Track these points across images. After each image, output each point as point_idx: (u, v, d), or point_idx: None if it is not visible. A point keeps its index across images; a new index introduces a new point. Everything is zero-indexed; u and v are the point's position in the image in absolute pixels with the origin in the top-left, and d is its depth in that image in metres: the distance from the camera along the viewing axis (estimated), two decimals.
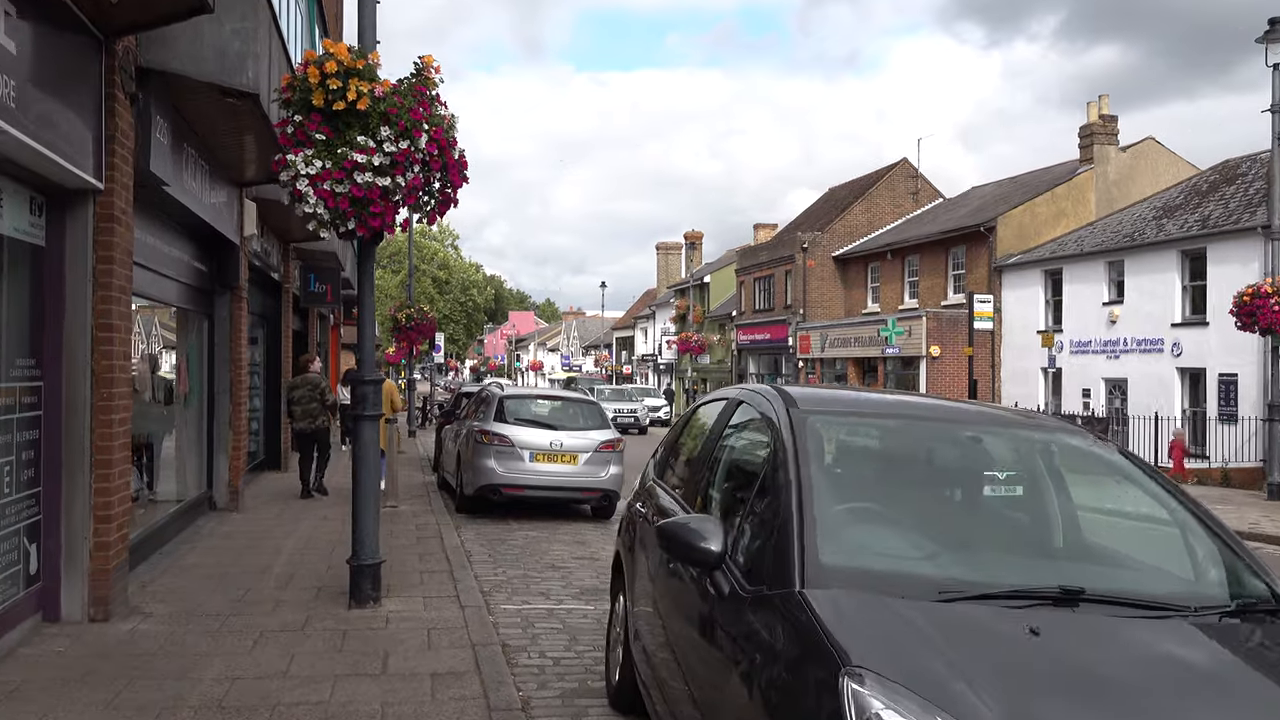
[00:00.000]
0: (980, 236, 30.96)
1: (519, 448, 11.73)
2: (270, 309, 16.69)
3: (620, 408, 35.40)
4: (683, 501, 4.29)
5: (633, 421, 35.89)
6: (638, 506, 5.00)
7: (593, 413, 12.61)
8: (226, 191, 10.60)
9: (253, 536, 9.89)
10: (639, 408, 37.76)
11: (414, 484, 15.52)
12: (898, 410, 4.13)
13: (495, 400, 12.38)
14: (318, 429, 13.01)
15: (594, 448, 11.93)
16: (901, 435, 3.84)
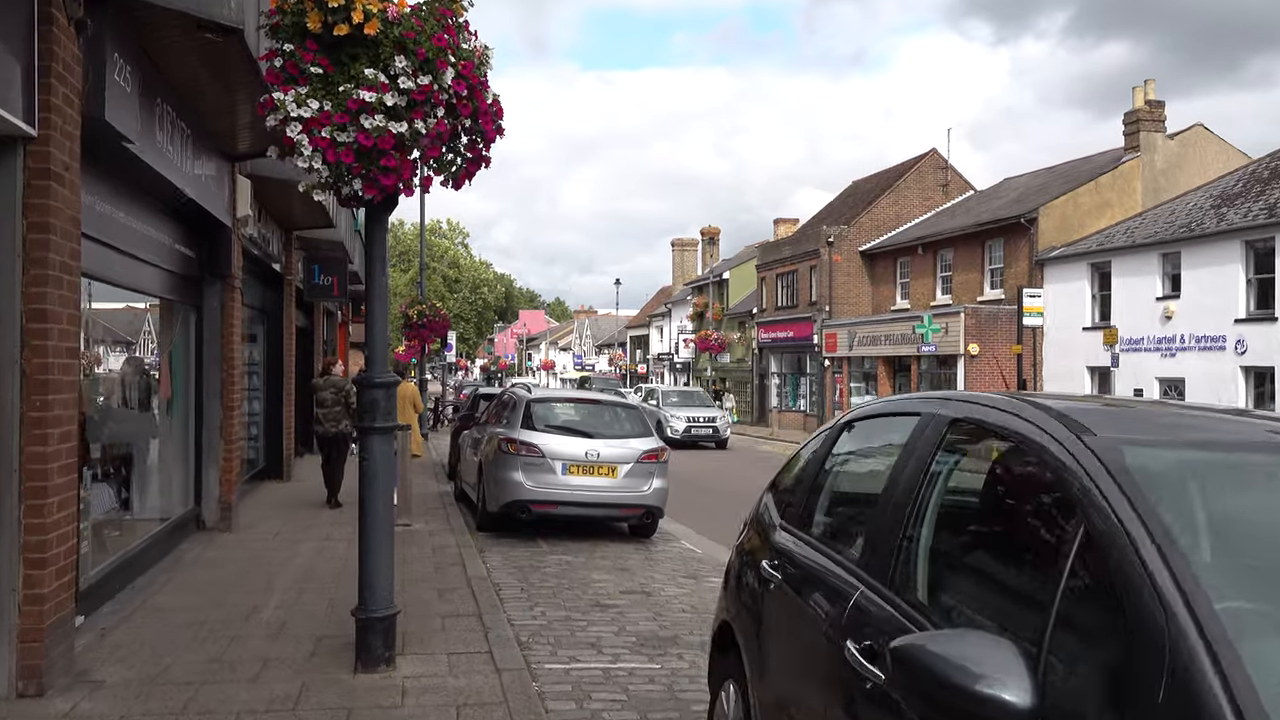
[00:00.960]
0: (1020, 229, 29.41)
1: (550, 459, 10.27)
2: (271, 303, 15.29)
3: (695, 415, 28.76)
4: (869, 577, 2.80)
5: (710, 433, 28.58)
6: (767, 566, 3.52)
7: (632, 418, 11.15)
8: (215, 164, 9.18)
9: (244, 564, 8.46)
10: (718, 416, 29.64)
11: (428, 495, 14.07)
12: None
13: (522, 404, 10.92)
14: (341, 433, 12.35)
15: (635, 458, 10.47)
16: None
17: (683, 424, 28.08)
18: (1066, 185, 30.42)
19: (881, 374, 33.39)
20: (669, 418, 28.02)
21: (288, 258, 15.26)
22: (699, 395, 32.97)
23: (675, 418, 28.25)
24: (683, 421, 28.14)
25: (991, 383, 28.53)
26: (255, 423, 14.98)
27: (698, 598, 8.02)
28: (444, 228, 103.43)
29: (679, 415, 28.45)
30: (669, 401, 30.35)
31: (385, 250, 5.63)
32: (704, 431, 28.47)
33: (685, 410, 29.18)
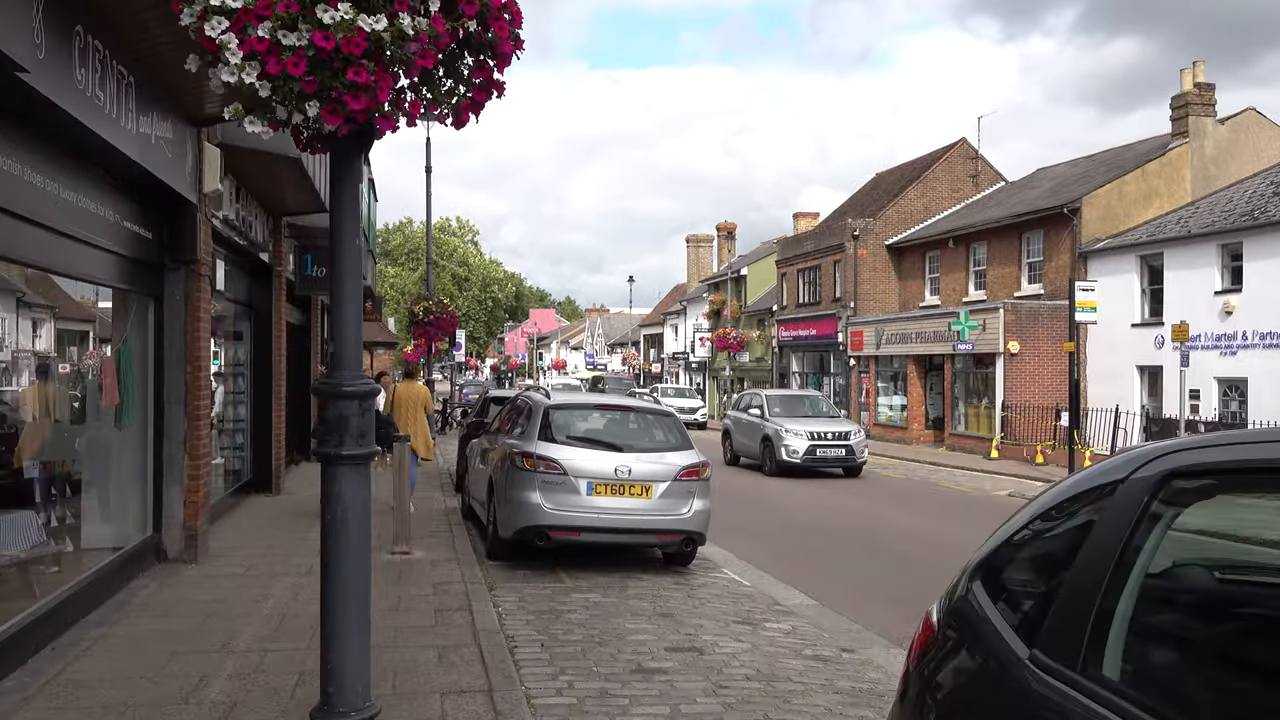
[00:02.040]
0: (1060, 220, 27.72)
1: (573, 476, 8.70)
2: (259, 297, 13.78)
3: (819, 430, 20.77)
4: None
5: (842, 454, 20.75)
6: None
7: (669, 427, 9.56)
8: (172, 126, 7.64)
9: (203, 609, 6.93)
10: (852, 431, 21.63)
11: (432, 511, 12.53)
12: None
13: (539, 411, 9.34)
14: None
15: (673, 475, 8.89)
16: None
17: (803, 442, 20.22)
18: (1110, 174, 28.73)
19: (911, 373, 31.75)
20: (782, 434, 20.43)
21: (277, 247, 13.74)
22: (815, 401, 24.11)
23: (792, 433, 20.35)
24: (803, 439, 20.25)
25: (1035, 383, 26.88)
26: (241, 430, 13.47)
27: (761, 657, 6.46)
28: (453, 225, 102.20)
29: (797, 430, 20.40)
30: (777, 410, 21.92)
31: (358, 210, 4.07)
32: (833, 452, 20.43)
33: (804, 422, 21.02)
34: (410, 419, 13.22)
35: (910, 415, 31.77)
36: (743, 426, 22.77)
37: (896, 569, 10.34)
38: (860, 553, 11.37)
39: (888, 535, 12.62)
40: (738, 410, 23.94)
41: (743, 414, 23.20)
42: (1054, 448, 24.76)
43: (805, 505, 15.42)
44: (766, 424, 21.29)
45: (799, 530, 12.90)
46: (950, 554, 11.16)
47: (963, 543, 12.58)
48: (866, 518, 14.49)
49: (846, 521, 13.86)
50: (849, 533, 12.75)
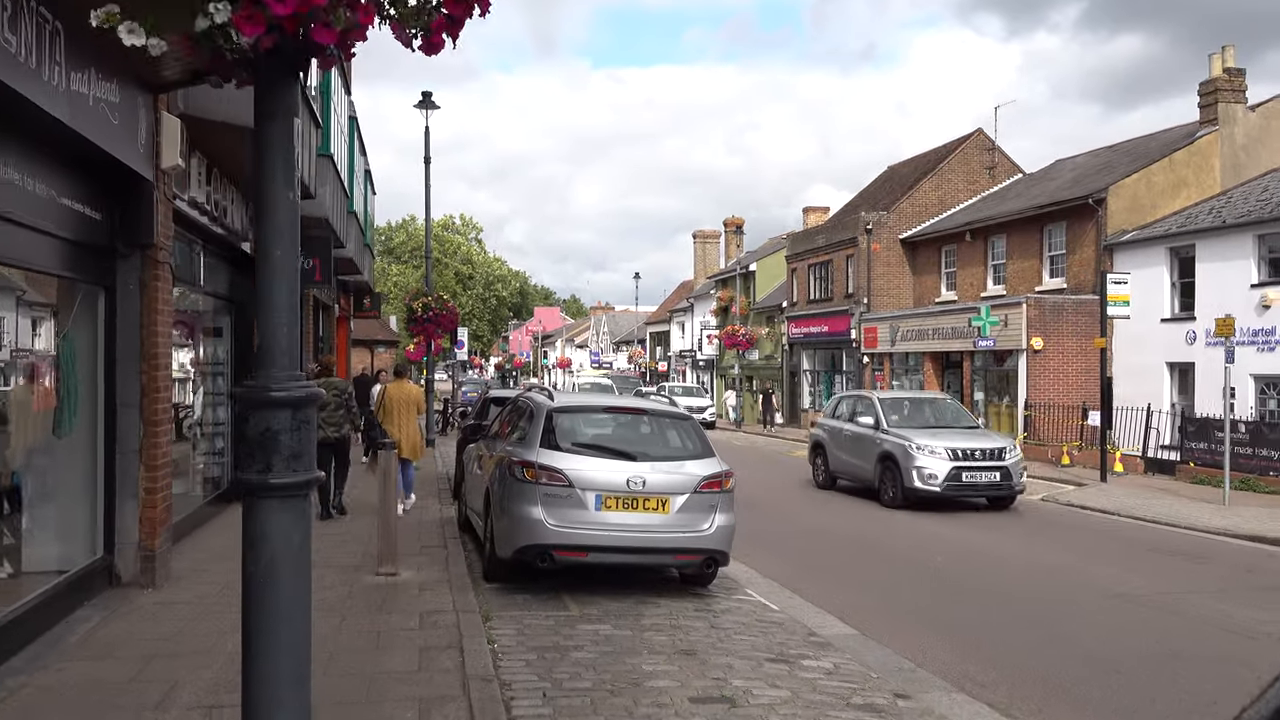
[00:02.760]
0: (1083, 211, 26.64)
1: (580, 489, 7.68)
2: (240, 290, 12.79)
3: (965, 447, 15.19)
4: None
5: (997, 479, 15.09)
6: None
7: (686, 431, 8.52)
8: (118, 88, 6.64)
9: (147, 651, 5.93)
10: (1007, 447, 15.86)
11: (425, 523, 11.54)
12: None
13: (541, 414, 8.32)
14: (342, 438, 11.80)
15: (692, 487, 7.87)
16: None
17: (944, 463, 14.70)
18: (1135, 163, 27.64)
19: (928, 371, 30.69)
20: (913, 451, 14.86)
21: None
22: (943, 407, 17.66)
23: (927, 451, 14.80)
24: (943, 459, 14.72)
25: (1058, 380, 25.82)
26: (222, 434, 12.49)
27: (804, 708, 5.44)
28: (457, 223, 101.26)
29: (934, 447, 14.81)
30: (896, 418, 16.19)
31: (290, 156, 3.06)
32: (984, 476, 14.96)
33: (939, 436, 15.28)
34: (401, 420, 12.51)
35: None
36: (845, 440, 16.95)
37: (934, 586, 9.32)
38: (883, 562, 10.35)
39: (931, 546, 11.61)
40: (835, 418, 18.06)
41: (845, 423, 17.27)
42: (1080, 448, 23.71)
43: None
44: (884, 437, 15.55)
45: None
46: (990, 569, 10.25)
47: (999, 554, 11.83)
48: (898, 527, 13.44)
49: (870, 528, 12.83)
50: (858, 539, 11.73)
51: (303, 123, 10.36)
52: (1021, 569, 10.39)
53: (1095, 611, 8.40)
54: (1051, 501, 16.45)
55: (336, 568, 8.57)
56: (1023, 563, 10.74)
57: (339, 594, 7.52)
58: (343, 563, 8.87)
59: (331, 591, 7.59)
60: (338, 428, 11.62)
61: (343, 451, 11.95)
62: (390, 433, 12.11)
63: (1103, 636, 7.53)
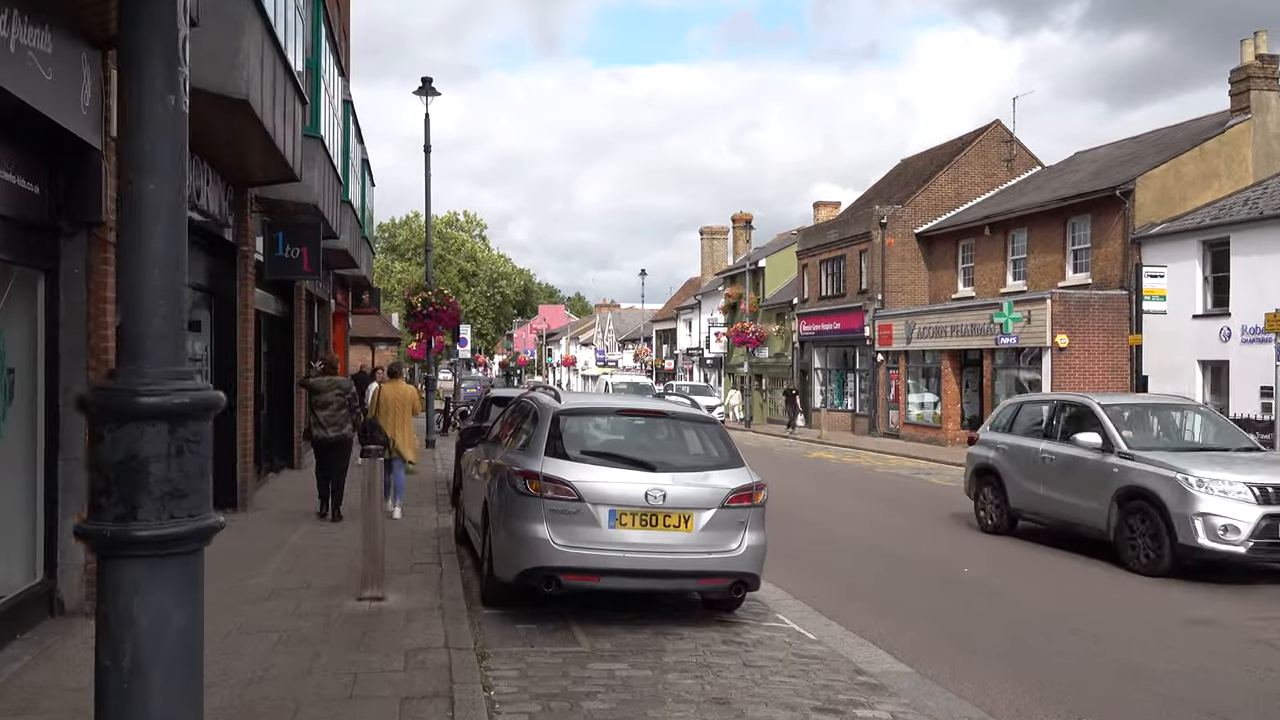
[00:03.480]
0: (1110, 203, 25.60)
1: (591, 504, 6.70)
2: (220, 281, 11.84)
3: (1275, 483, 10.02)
4: None
5: None
6: None
7: (712, 437, 7.52)
8: (52, 38, 5.68)
9: (75, 707, 4.96)
10: None
11: (419, 535, 10.57)
12: None
13: (547, 417, 7.33)
14: (343, 438, 11.46)
15: (720, 500, 6.88)
16: None
17: (1251, 509, 9.64)
18: (1162, 154, 26.59)
19: (946, 370, 29.67)
20: (1195, 488, 9.81)
21: (242, 223, 11.80)
22: (1203, 417, 12.75)
23: (1219, 490, 9.77)
24: (1248, 502, 9.67)
25: (1085, 379, 24.78)
26: None
27: None
28: (461, 220, 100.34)
29: (1230, 483, 9.80)
30: (1134, 436, 11.19)
31: (172, 46, 2.06)
32: None
33: (1231, 467, 10.18)
34: (397, 421, 11.91)
35: (945, 414, 29.70)
36: (1041, 465, 11.94)
37: (993, 612, 8.34)
38: (939, 587, 9.36)
39: (959, 558, 10.61)
40: (1016, 432, 12.99)
41: (1037, 441, 12.32)
42: None
43: None
44: (1128, 465, 10.57)
45: None
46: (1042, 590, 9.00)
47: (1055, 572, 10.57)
48: (925, 537, 12.44)
49: (897, 539, 11.84)
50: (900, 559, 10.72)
51: (281, 89, 9.39)
52: (1066, 584, 9.40)
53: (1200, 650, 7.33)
54: None
55: (316, 590, 7.60)
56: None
57: (314, 624, 6.55)
58: (324, 582, 7.91)
59: (306, 621, 6.62)
60: (339, 427, 11.33)
61: (344, 452, 11.53)
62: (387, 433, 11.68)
63: None
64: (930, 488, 18.49)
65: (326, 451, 11.43)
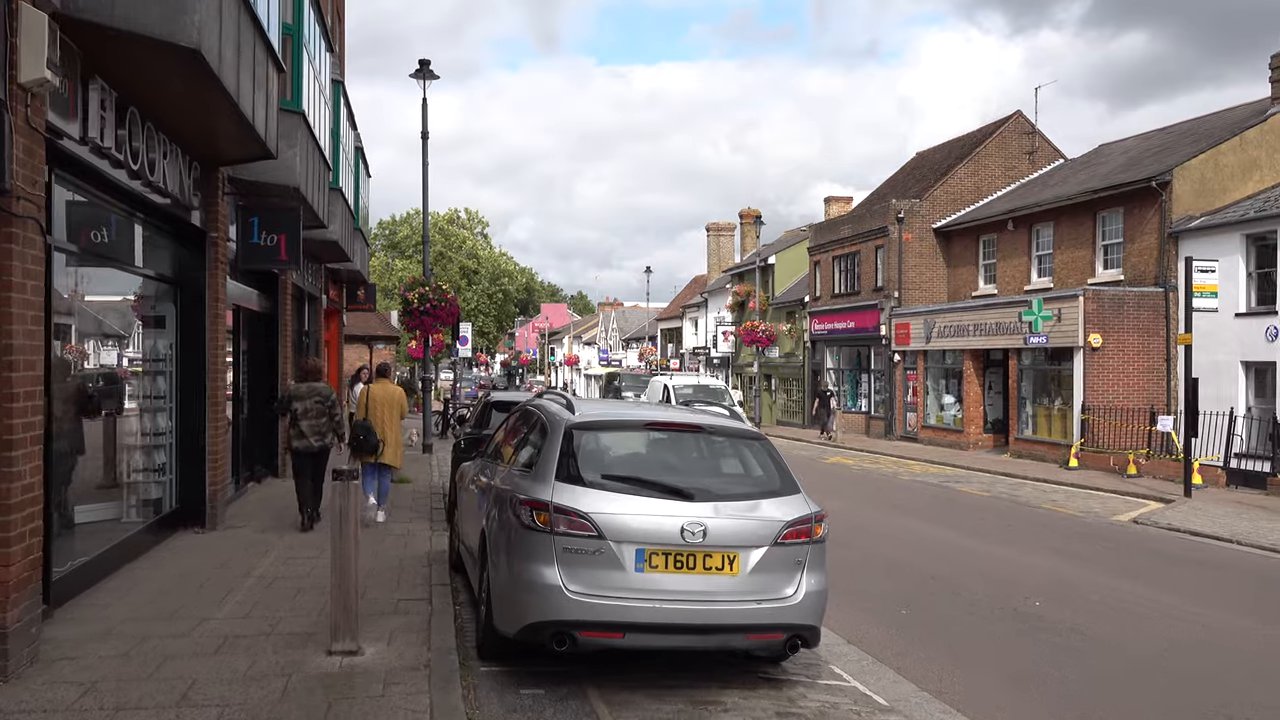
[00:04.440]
0: (1145, 196, 24.25)
1: (614, 541, 5.39)
2: (188, 271, 10.53)
3: None
4: None
5: None
6: None
7: (758, 456, 6.17)
8: None
9: None
10: None
11: (410, 557, 9.27)
12: None
13: (557, 431, 5.98)
14: (324, 448, 10.95)
15: (772, 536, 5.57)
16: None
17: None
18: (1197, 144, 25.23)
19: (968, 371, 28.32)
20: None
21: (212, 206, 10.49)
22: None
23: None
24: None
25: (1119, 381, 23.44)
26: (163, 446, 10.22)
27: None
28: (462, 217, 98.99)
29: None
30: None
31: None
32: None
33: None
34: (383, 423, 11.38)
35: (967, 417, 28.36)
36: None
37: (1082, 661, 7.02)
38: (1011, 623, 8.05)
39: (1025, 587, 9.29)
40: None
41: None
42: (1149, 456, 21.36)
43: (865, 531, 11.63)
44: None
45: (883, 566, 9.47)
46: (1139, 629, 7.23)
47: (1139, 605, 8.44)
48: (980, 560, 11.13)
49: (944, 562, 10.53)
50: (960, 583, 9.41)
51: (248, 46, 8.08)
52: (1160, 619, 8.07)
53: None
54: (1146, 524, 14.09)
55: (281, 638, 6.30)
56: (1195, 622, 8.37)
57: (267, 693, 5.24)
58: (291, 627, 6.60)
59: (258, 687, 5.31)
60: (320, 436, 10.82)
61: (322, 463, 10.99)
62: None
63: None
64: (964, 498, 17.18)
65: (308, 462, 10.89)
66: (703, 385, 25.91)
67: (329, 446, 11.04)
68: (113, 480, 9.45)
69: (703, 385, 25.91)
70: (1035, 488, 19.27)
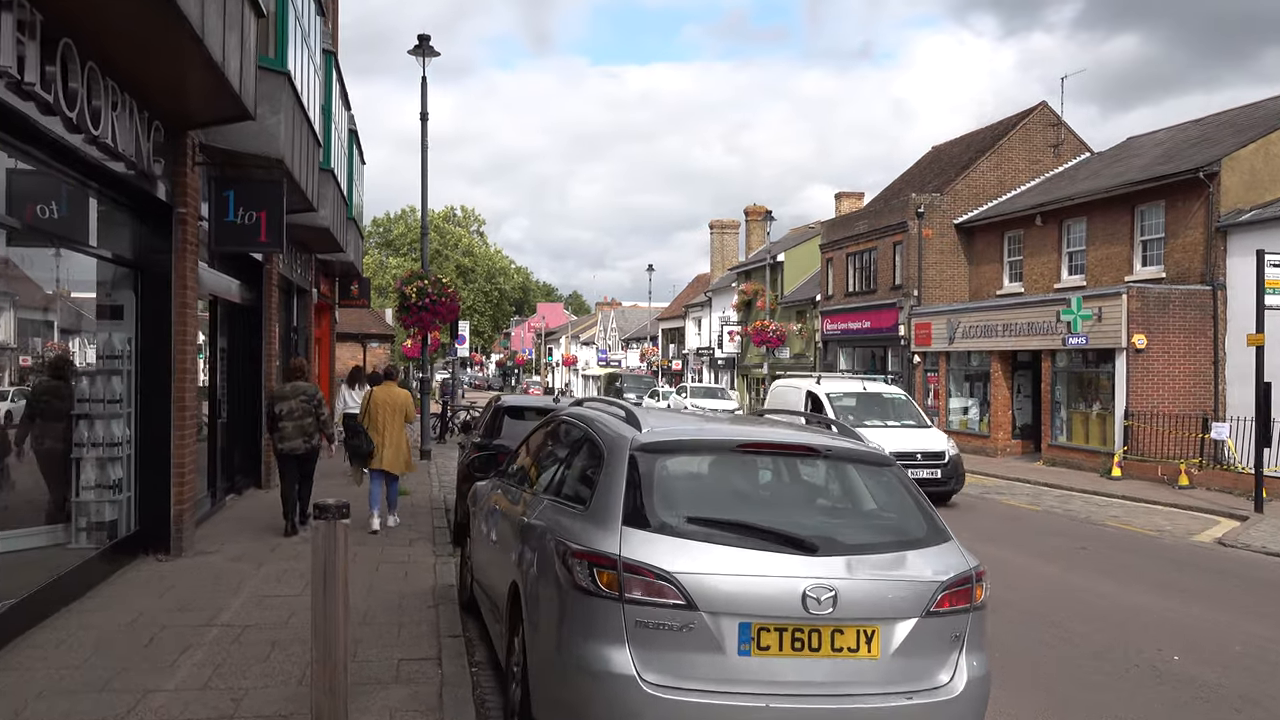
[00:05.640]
0: (1187, 189, 22.79)
1: (709, 613, 3.84)
2: (151, 254, 8.96)
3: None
4: None
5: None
6: None
7: (891, 489, 4.57)
8: None
9: None
10: None
11: (411, 594, 7.72)
12: None
13: (619, 456, 4.39)
14: (312, 450, 10.54)
15: (925, 603, 4.02)
16: None
17: None
18: (1241, 135, 23.79)
19: (996, 373, 26.84)
20: None
21: (180, 177, 8.92)
22: None
23: None
24: None
25: (1165, 385, 21.96)
26: (118, 458, 8.65)
27: None
28: (458, 215, 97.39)
29: None
30: None
31: None
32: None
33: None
34: (387, 428, 10.75)
35: (995, 422, 26.88)
36: None
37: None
38: (1149, 683, 6.52)
39: (1146, 632, 7.78)
40: None
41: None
42: (1201, 466, 19.88)
43: None
44: None
45: None
46: None
47: None
48: (1076, 594, 9.59)
49: (1035, 596, 8.99)
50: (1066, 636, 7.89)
51: None
52: None
53: None
54: (1234, 546, 12.57)
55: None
56: None
57: None
58: (259, 705, 5.07)
59: None
60: (307, 438, 10.38)
61: (310, 466, 10.61)
62: (374, 441, 10.71)
63: None
64: (1020, 514, 15.67)
65: (295, 465, 10.45)
66: (873, 393, 18.17)
67: (317, 448, 10.59)
68: (61, 499, 7.93)
69: (873, 393, 18.17)
70: (1085, 500, 17.77)
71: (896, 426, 17.19)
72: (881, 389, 19.15)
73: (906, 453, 15.03)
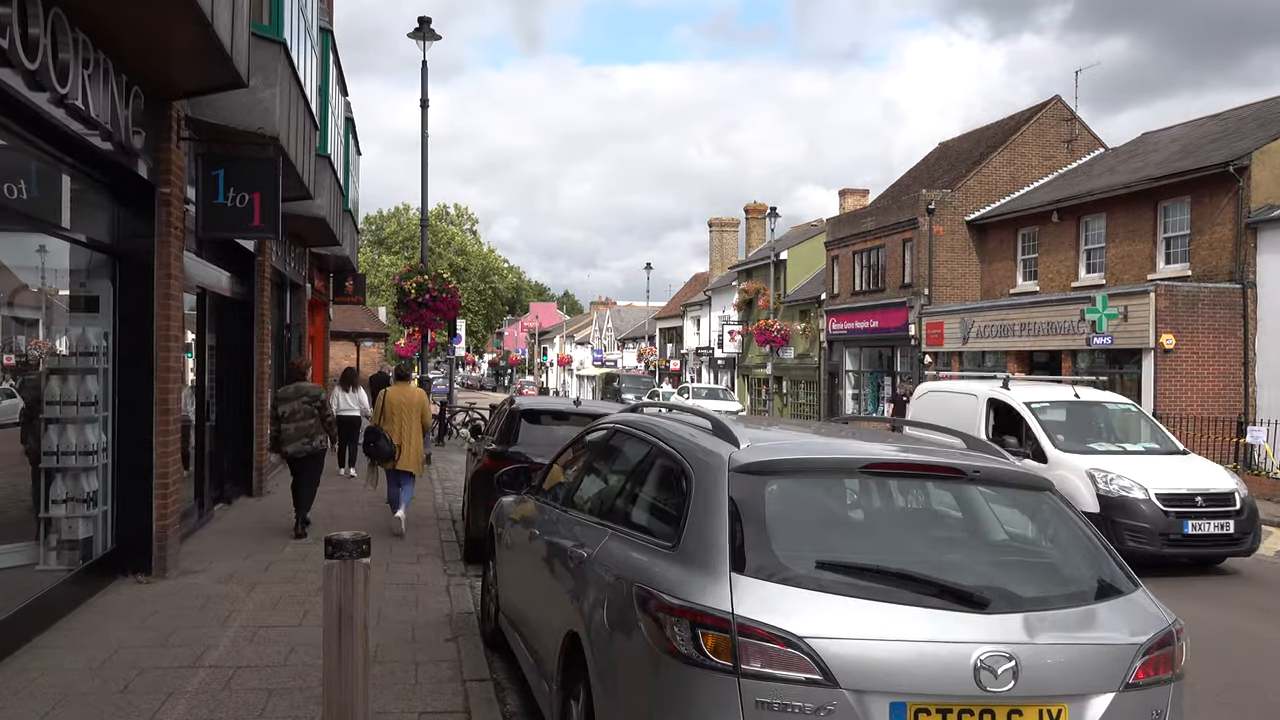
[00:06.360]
0: (1214, 184, 22.00)
1: (851, 690, 2.94)
2: (131, 239, 7.99)
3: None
4: None
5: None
6: None
7: (1055, 520, 3.62)
8: None
9: None
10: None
11: (424, 624, 6.78)
12: None
13: (714, 484, 3.40)
14: (315, 451, 10.26)
15: (1120, 674, 3.12)
16: None
17: None
18: (1267, 128, 22.99)
19: (1013, 373, 25.92)
20: None
21: (164, 154, 7.96)
22: None
23: None
24: None
25: (1194, 387, 21.16)
26: (92, 468, 7.68)
27: None
28: (451, 213, 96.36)
29: None
30: None
31: None
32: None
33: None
34: (403, 428, 10.45)
35: None
36: None
37: None
38: None
39: (1263, 675, 6.87)
40: None
41: None
42: (1236, 471, 19.04)
43: None
44: None
45: None
46: None
47: None
48: (1203, 629, 8.62)
49: None
50: None
51: None
52: None
53: None
54: None
55: None
56: None
57: None
58: None
59: None
60: (310, 439, 10.18)
61: (318, 467, 10.44)
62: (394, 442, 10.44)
63: None
64: None
65: (298, 467, 10.27)
66: (1091, 402, 12.39)
67: (322, 449, 10.37)
68: (27, 514, 6.98)
69: (1091, 402, 12.39)
70: None
71: (1139, 453, 11.50)
72: (1102, 396, 13.00)
73: (1179, 494, 10.15)
